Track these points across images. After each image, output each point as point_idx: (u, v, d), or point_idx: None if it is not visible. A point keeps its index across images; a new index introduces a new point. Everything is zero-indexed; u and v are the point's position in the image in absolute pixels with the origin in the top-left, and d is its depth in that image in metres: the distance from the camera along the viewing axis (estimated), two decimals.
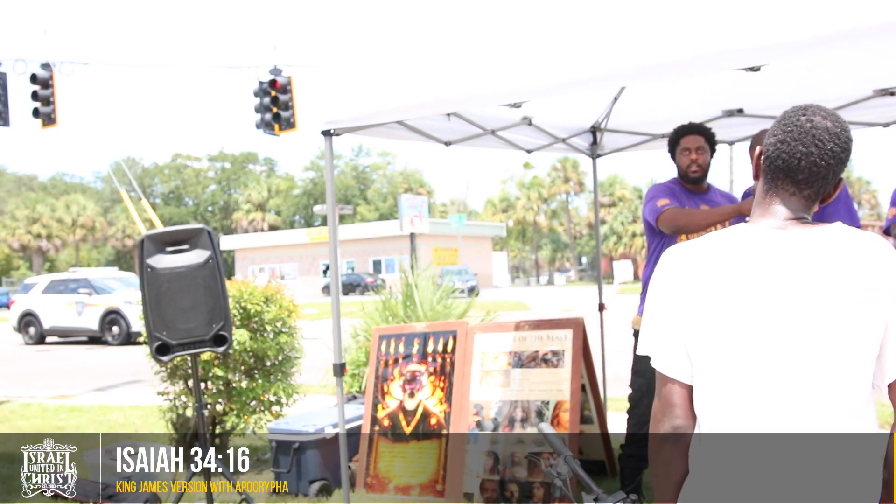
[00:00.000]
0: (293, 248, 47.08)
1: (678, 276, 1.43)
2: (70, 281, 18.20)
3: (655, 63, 2.56)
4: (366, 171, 70.68)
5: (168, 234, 3.68)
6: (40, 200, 52.44)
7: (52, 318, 17.65)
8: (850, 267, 1.33)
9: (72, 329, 17.55)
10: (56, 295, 17.71)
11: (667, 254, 1.49)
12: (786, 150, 1.41)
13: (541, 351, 4.10)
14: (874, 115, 4.12)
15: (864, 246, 1.36)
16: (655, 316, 1.47)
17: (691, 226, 3.58)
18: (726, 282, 1.37)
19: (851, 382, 1.33)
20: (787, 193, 1.43)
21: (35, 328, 18.03)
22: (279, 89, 12.16)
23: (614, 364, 5.76)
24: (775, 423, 1.33)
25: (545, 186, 58.49)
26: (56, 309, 17.56)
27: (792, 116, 1.43)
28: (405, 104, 3.42)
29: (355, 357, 6.04)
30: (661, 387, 1.46)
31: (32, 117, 11.75)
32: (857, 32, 2.19)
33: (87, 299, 17.15)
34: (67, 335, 17.96)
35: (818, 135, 1.40)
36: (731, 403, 1.36)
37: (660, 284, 1.47)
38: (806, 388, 1.33)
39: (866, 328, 1.32)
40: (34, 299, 18.09)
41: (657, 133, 4.83)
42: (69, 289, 17.71)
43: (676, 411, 1.42)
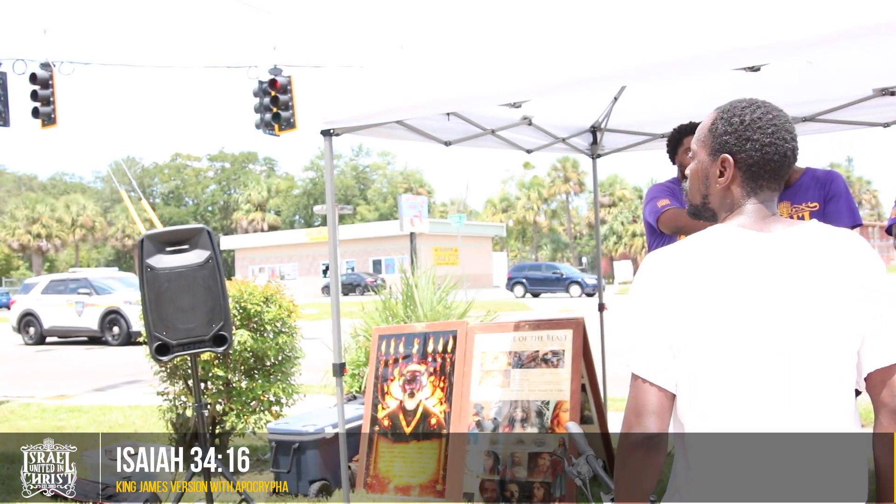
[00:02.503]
0: (293, 248, 47.07)
1: (664, 280, 1.40)
2: (70, 281, 18.18)
3: (655, 63, 2.56)
4: (366, 171, 70.69)
5: (168, 233, 3.68)
6: (40, 200, 52.42)
7: (52, 319, 17.64)
8: (832, 266, 1.36)
9: (72, 329, 17.54)
10: (56, 295, 17.69)
11: (649, 258, 1.47)
12: (776, 151, 1.41)
13: (541, 351, 4.10)
14: (874, 115, 4.12)
15: (843, 244, 1.39)
16: (639, 321, 1.42)
17: (691, 226, 3.57)
18: (717, 285, 1.36)
19: (841, 380, 1.35)
20: (770, 191, 1.46)
21: (35, 328, 18.01)
22: (279, 89, 12.15)
23: (614, 364, 5.75)
24: (768, 424, 1.33)
25: (545, 186, 58.49)
26: (56, 309, 17.54)
27: (762, 117, 1.42)
28: (405, 104, 3.42)
29: (355, 357, 6.04)
30: (638, 392, 1.39)
31: (32, 117, 11.73)
32: (857, 32, 2.19)
33: (87, 299, 17.13)
34: (67, 335, 17.95)
35: (787, 126, 1.43)
36: (724, 405, 1.36)
37: (643, 289, 1.44)
38: (798, 388, 1.33)
39: (850, 325, 1.34)
40: (34, 299, 18.07)
41: (657, 133, 4.83)
42: (69, 289, 17.69)
43: (652, 418, 1.36)
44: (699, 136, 1.52)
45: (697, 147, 1.52)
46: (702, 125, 1.53)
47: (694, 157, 1.54)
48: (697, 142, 1.52)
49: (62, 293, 17.67)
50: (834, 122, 4.24)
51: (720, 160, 1.47)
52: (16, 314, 18.42)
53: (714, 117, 1.49)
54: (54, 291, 17.83)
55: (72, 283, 17.98)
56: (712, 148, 1.48)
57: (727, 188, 1.47)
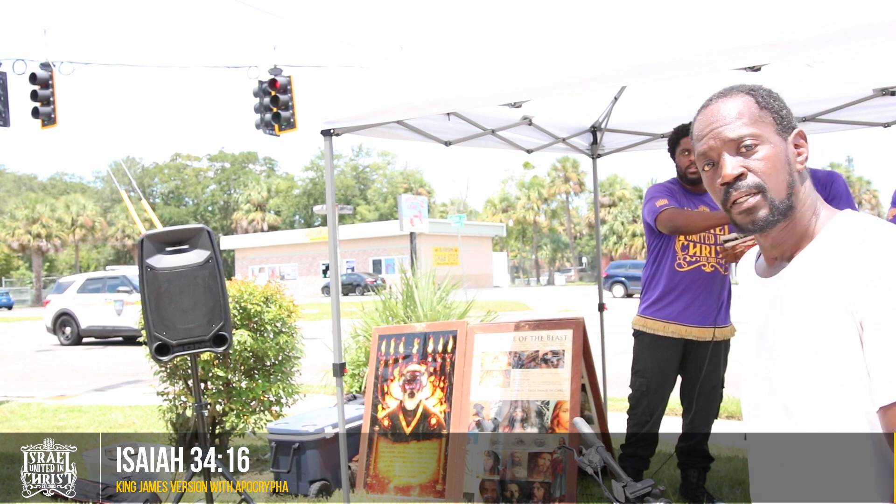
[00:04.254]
0: (293, 248, 47.08)
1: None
2: (108, 279, 17.51)
3: (655, 63, 2.56)
4: (366, 171, 70.69)
5: (168, 233, 3.67)
6: (40, 200, 52.37)
7: (89, 318, 17.01)
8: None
9: (111, 329, 16.91)
10: (93, 294, 17.06)
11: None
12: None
13: (541, 351, 4.10)
14: (874, 115, 4.12)
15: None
16: None
17: (689, 227, 3.58)
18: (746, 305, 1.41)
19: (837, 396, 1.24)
20: None
21: (72, 328, 17.38)
22: (279, 89, 12.15)
23: (614, 364, 5.76)
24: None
25: (545, 186, 58.49)
26: (94, 308, 16.89)
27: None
28: (405, 104, 3.42)
29: (355, 357, 6.04)
30: None
31: (32, 117, 11.72)
32: (857, 32, 2.19)
33: (127, 297, 16.34)
34: (106, 335, 17.31)
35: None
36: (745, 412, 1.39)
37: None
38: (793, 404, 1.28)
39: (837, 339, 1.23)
40: (70, 299, 17.41)
41: (657, 133, 4.83)
42: (107, 287, 17.04)
43: None
44: (750, 119, 1.27)
45: (759, 131, 1.27)
46: (738, 110, 1.28)
47: (757, 147, 1.27)
48: (754, 124, 1.27)
49: (100, 291, 17.03)
50: (834, 122, 4.25)
51: (796, 135, 1.30)
52: (50, 314, 17.60)
53: (755, 97, 1.29)
54: (91, 290, 17.19)
55: (110, 280, 17.30)
56: (778, 125, 1.28)
57: (801, 171, 1.30)
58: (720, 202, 1.32)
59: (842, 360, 1.20)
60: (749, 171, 1.26)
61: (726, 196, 1.29)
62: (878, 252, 1.17)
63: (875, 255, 1.17)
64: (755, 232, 1.30)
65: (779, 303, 1.30)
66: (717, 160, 1.29)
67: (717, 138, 1.28)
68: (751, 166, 1.26)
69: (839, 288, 1.19)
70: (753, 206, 1.26)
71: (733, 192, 1.28)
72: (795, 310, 1.26)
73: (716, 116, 1.30)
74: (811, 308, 1.23)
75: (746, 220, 1.28)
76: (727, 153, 1.27)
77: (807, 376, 1.24)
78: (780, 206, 1.27)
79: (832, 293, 1.20)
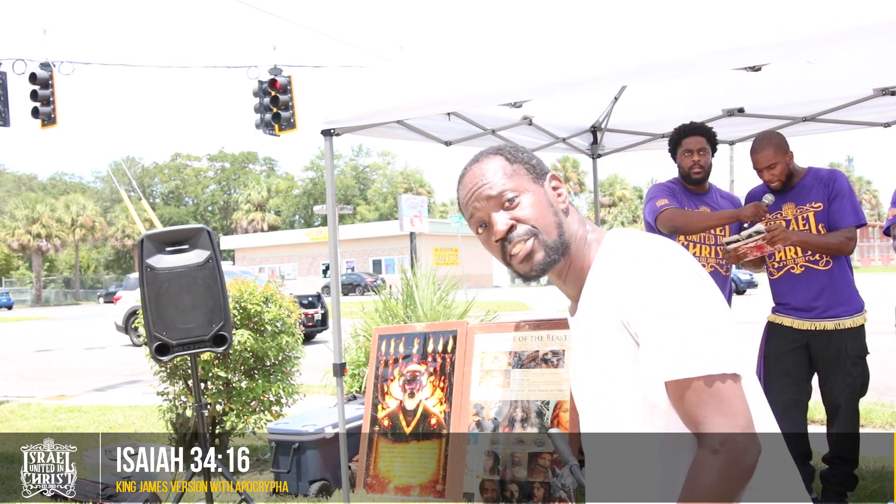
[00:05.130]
0: (293, 248, 47.08)
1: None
2: None
3: (655, 63, 2.55)
4: (366, 171, 70.70)
5: (168, 233, 3.67)
6: (40, 200, 52.40)
7: None
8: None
9: None
10: None
11: (674, 246, 1.33)
12: None
13: (541, 351, 4.10)
14: (874, 115, 4.12)
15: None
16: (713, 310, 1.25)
17: (689, 227, 3.58)
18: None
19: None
20: None
21: None
22: (279, 89, 12.15)
23: None
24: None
25: None
26: None
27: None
28: (405, 104, 3.42)
29: (355, 357, 6.04)
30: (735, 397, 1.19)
31: (32, 117, 11.72)
32: (857, 32, 2.19)
33: None
34: None
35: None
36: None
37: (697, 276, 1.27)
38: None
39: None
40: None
41: (657, 133, 4.83)
42: None
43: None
44: (505, 175, 1.37)
45: (516, 183, 1.37)
46: (492, 169, 1.37)
47: (518, 198, 1.36)
48: (510, 179, 1.36)
49: None
50: (834, 122, 4.24)
51: (550, 178, 1.42)
52: (122, 312, 16.19)
53: (504, 155, 1.39)
54: None
55: None
56: (532, 175, 1.39)
57: (565, 209, 1.41)
58: (500, 259, 1.39)
59: (624, 371, 1.27)
60: (518, 222, 1.34)
61: (503, 251, 1.37)
62: (634, 266, 1.26)
63: (633, 270, 1.25)
64: (537, 277, 1.38)
65: (580, 336, 1.39)
66: (488, 220, 1.37)
67: (480, 199, 1.37)
68: (518, 216, 1.34)
69: (612, 307, 1.27)
70: (530, 251, 1.34)
71: (508, 245, 1.35)
72: (588, 338, 1.35)
73: (474, 181, 1.38)
74: (597, 333, 1.31)
75: (527, 268, 1.35)
76: (494, 212, 1.35)
77: (601, 397, 1.34)
78: (554, 245, 1.34)
79: (609, 314, 1.28)
